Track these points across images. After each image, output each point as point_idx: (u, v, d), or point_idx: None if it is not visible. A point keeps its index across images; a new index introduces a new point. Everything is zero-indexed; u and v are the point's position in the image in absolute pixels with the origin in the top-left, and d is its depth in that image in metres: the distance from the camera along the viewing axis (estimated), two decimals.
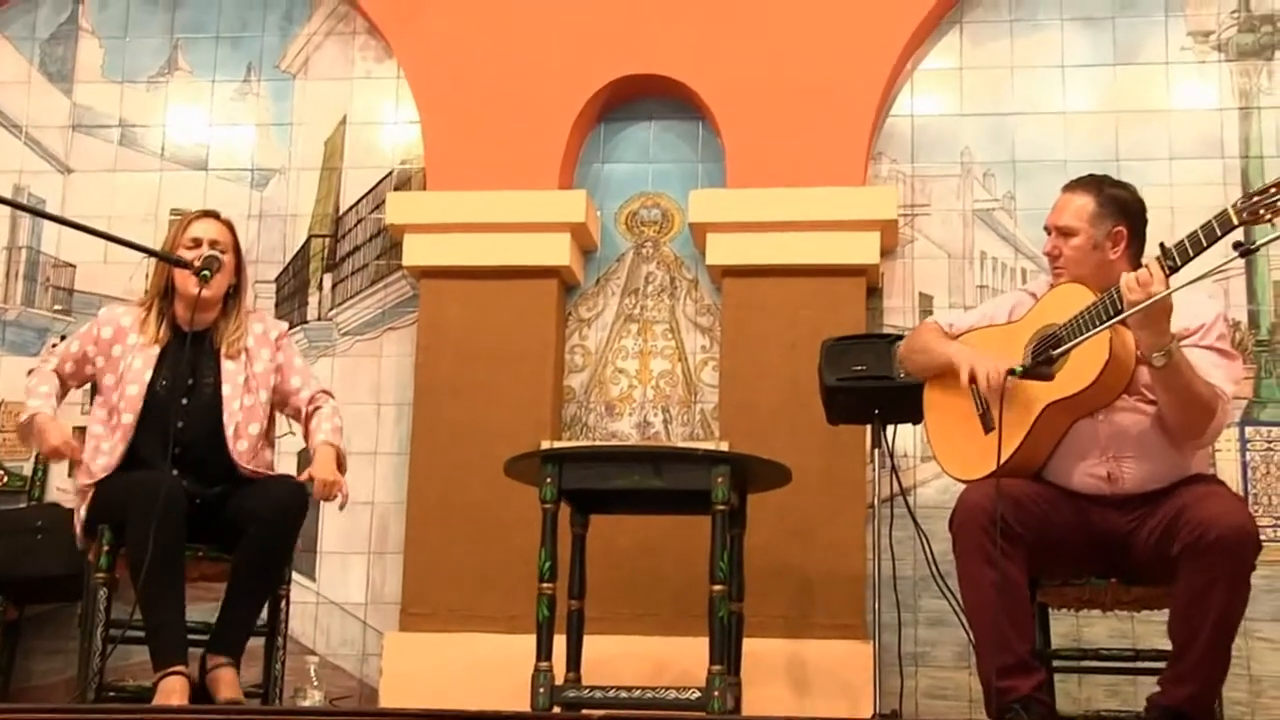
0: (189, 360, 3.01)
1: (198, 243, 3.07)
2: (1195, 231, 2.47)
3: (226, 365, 3.06)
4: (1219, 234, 2.44)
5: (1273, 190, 2.41)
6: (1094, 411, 2.61)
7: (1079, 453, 2.63)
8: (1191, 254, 2.47)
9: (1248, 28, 4.01)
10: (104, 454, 2.99)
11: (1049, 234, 2.77)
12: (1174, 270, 2.47)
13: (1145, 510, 2.59)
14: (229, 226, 3.15)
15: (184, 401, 3.00)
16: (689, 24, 4.07)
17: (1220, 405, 2.56)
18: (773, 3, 4.05)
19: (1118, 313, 2.48)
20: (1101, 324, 2.50)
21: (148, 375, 3.01)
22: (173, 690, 2.74)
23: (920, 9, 4.01)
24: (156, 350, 3.04)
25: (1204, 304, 2.68)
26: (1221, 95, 3.97)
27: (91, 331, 3.10)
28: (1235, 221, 2.43)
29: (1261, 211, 2.41)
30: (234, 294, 3.13)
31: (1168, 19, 4.03)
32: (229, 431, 3.01)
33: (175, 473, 2.89)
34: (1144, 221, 2.75)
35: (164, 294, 3.10)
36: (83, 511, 3.00)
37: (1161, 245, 2.51)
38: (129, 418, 2.98)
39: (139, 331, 3.07)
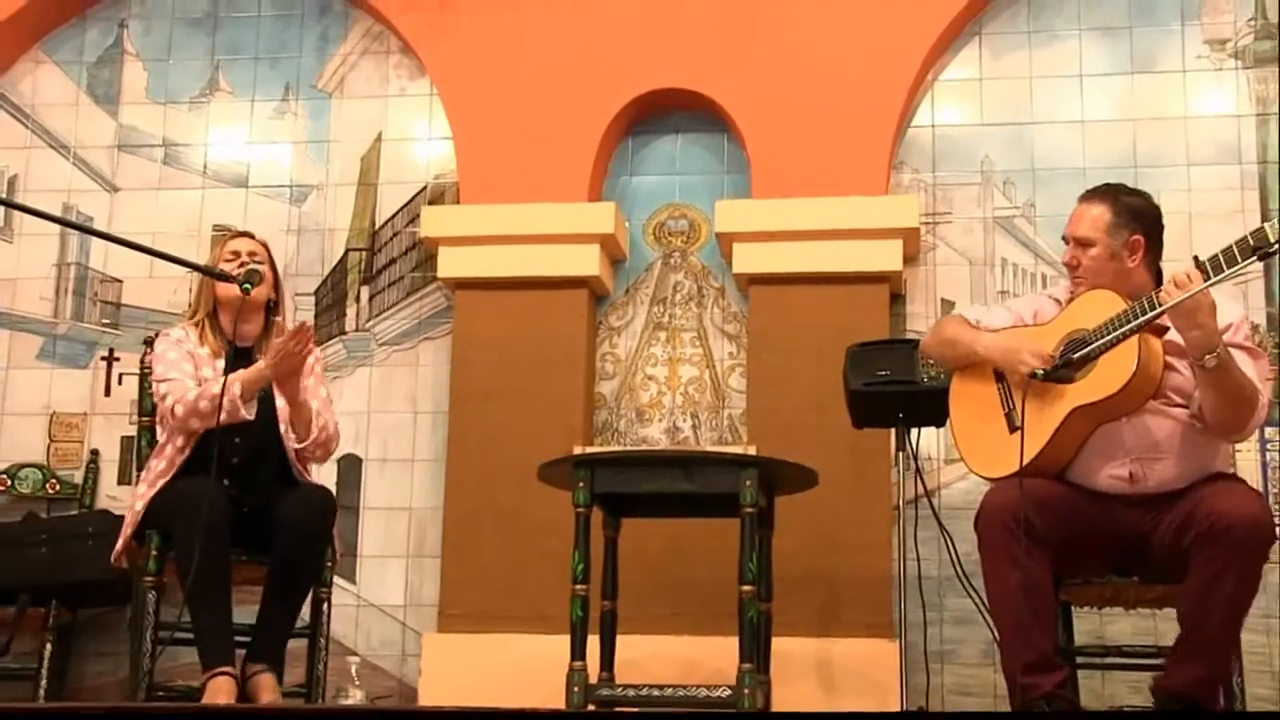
0: None
1: (237, 254, 3.18)
2: (1230, 246, 2.50)
3: None
4: (1253, 252, 2.48)
5: None
6: (1120, 416, 2.64)
7: (1104, 455, 2.66)
8: (1226, 268, 2.50)
9: (1264, 34, 4.03)
10: (161, 465, 3.08)
11: (1067, 244, 2.80)
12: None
13: (1165, 508, 2.63)
14: (264, 245, 3.27)
15: None
16: (713, 39, 4.13)
17: (1260, 399, 2.60)
18: (795, 17, 4.11)
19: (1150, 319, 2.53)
20: (1130, 326, 2.55)
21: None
22: (220, 690, 2.82)
23: (940, 21, 4.06)
24: (221, 364, 3.13)
25: (1227, 305, 2.70)
26: (1239, 102, 3.99)
27: (184, 348, 3.14)
28: (1272, 239, 2.46)
29: None
30: (274, 309, 3.24)
31: (1184, 27, 4.06)
32: (289, 438, 3.10)
33: (226, 482, 2.98)
34: (1160, 229, 2.78)
35: (212, 311, 3.20)
36: (139, 507, 3.06)
37: (1195, 259, 2.54)
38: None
39: (200, 343, 3.17)
